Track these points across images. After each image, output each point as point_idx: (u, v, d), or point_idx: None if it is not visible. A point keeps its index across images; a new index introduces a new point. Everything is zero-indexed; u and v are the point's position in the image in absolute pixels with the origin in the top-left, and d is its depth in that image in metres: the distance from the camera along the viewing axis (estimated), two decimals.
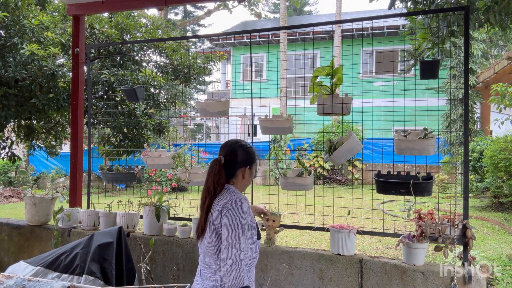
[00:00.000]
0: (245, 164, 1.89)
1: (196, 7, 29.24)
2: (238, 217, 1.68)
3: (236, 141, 1.95)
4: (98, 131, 6.22)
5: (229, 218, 1.68)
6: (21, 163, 12.23)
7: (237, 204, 1.72)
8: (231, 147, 1.90)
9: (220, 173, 1.82)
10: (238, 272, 1.58)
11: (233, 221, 1.67)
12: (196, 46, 17.22)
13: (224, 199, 1.76)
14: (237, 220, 1.68)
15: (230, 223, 1.67)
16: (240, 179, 1.90)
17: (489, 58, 14.87)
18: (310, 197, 4.36)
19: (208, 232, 1.77)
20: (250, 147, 1.95)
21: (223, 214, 1.71)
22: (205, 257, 1.81)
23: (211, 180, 1.82)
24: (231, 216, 1.68)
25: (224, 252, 1.64)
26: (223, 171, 1.83)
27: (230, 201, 1.73)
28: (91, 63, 5.15)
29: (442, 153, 11.01)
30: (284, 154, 12.22)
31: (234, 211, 1.70)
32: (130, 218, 3.52)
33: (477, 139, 8.69)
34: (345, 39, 14.72)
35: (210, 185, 1.81)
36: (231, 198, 1.75)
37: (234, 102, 15.43)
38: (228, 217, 1.69)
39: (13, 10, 4.47)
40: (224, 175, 1.83)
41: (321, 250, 2.94)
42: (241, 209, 1.71)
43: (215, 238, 1.74)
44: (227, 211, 1.70)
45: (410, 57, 11.75)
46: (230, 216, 1.69)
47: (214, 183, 1.81)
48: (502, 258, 4.30)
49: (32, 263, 2.70)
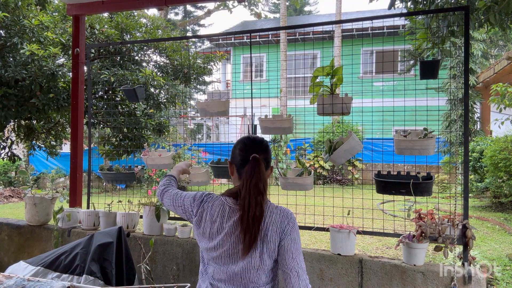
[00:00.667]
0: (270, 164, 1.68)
1: (196, 7, 29.24)
2: (299, 237, 1.52)
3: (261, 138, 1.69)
4: (98, 131, 6.22)
5: (294, 239, 1.49)
6: (21, 163, 12.23)
7: (295, 221, 1.53)
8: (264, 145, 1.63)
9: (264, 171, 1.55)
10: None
11: (297, 243, 1.49)
12: (196, 46, 17.22)
13: (274, 215, 1.52)
14: (299, 241, 1.51)
15: (296, 246, 1.48)
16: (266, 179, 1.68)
17: (489, 58, 14.87)
18: (310, 197, 4.36)
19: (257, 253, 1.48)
20: None
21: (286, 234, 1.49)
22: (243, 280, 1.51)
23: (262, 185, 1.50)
24: (295, 237, 1.50)
25: (296, 280, 1.44)
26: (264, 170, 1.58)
27: (287, 219, 1.51)
28: (91, 63, 5.15)
29: (442, 153, 11.01)
30: (284, 154, 12.22)
31: (296, 231, 1.51)
32: (130, 218, 3.52)
33: (477, 139, 8.69)
34: (345, 39, 14.72)
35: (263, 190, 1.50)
36: (285, 215, 1.53)
37: (234, 102, 15.42)
38: (292, 239, 1.49)
39: (13, 10, 4.48)
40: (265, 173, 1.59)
41: (321, 250, 2.94)
42: (297, 226, 1.54)
43: (268, 261, 1.49)
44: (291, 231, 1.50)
45: (410, 57, 11.75)
46: (294, 238, 1.49)
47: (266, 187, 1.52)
48: (502, 258, 4.30)
49: (32, 263, 2.70)
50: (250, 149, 1.57)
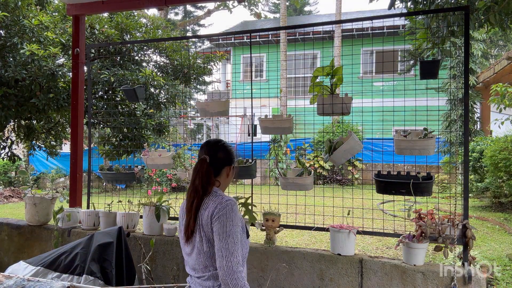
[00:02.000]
0: (229, 163, 1.88)
1: (196, 7, 29.24)
2: (231, 222, 1.66)
3: (218, 140, 1.93)
4: (98, 131, 6.22)
5: (222, 223, 1.65)
6: (21, 163, 12.22)
7: (227, 208, 1.68)
8: (215, 146, 1.88)
9: (209, 172, 1.79)
10: (239, 280, 1.59)
11: (227, 227, 1.65)
12: (196, 46, 17.23)
13: (211, 203, 1.72)
14: (230, 225, 1.65)
15: (224, 229, 1.65)
16: (224, 178, 1.88)
17: (489, 58, 14.87)
18: (310, 197, 4.36)
19: (197, 239, 1.73)
20: (231, 147, 1.95)
21: (214, 220, 1.68)
22: (194, 264, 1.78)
23: (199, 180, 1.77)
24: (224, 222, 1.66)
25: (221, 260, 1.62)
26: (212, 171, 1.80)
27: (220, 206, 1.69)
28: (91, 63, 5.15)
29: (442, 153, 11.01)
30: (284, 154, 12.23)
31: (226, 216, 1.67)
32: (130, 218, 3.52)
33: (477, 139, 8.69)
34: (345, 39, 14.71)
35: (198, 185, 1.76)
36: (220, 202, 1.71)
37: (234, 102, 15.43)
38: (220, 223, 1.66)
39: (13, 10, 4.48)
40: (212, 173, 1.81)
41: (321, 250, 2.94)
42: (232, 213, 1.68)
43: (205, 245, 1.71)
44: (219, 216, 1.67)
45: (410, 57, 11.73)
46: (223, 222, 1.66)
47: (204, 183, 1.77)
48: (502, 258, 4.30)
49: (32, 263, 2.70)
50: (201, 150, 1.87)
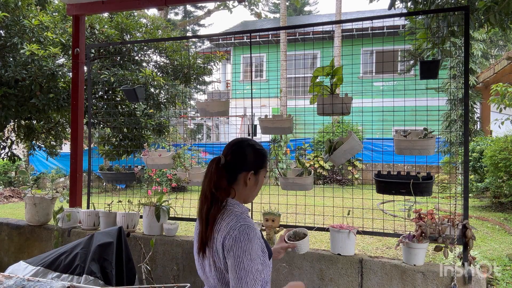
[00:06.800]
0: (249, 168, 1.52)
1: (196, 7, 29.24)
2: (248, 257, 1.34)
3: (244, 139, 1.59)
4: (98, 131, 6.22)
5: (237, 260, 1.33)
6: (21, 163, 12.22)
7: (241, 237, 1.35)
8: (236, 145, 1.55)
9: (219, 175, 1.47)
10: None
11: (243, 263, 1.33)
12: (196, 46, 17.21)
13: (224, 226, 1.40)
14: (247, 261, 1.33)
15: (240, 267, 1.33)
16: (242, 187, 1.53)
17: (489, 58, 14.87)
18: (310, 197, 4.36)
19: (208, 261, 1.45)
20: (261, 148, 1.58)
21: (227, 251, 1.36)
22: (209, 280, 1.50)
23: (207, 184, 1.47)
24: (240, 257, 1.33)
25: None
26: (223, 173, 1.48)
27: (233, 234, 1.36)
28: (91, 63, 5.15)
29: (442, 153, 11.01)
30: (284, 154, 12.22)
31: (242, 249, 1.33)
32: (130, 218, 3.52)
33: (477, 139, 8.69)
34: (345, 39, 14.72)
35: (206, 190, 1.47)
36: (233, 227, 1.38)
37: (234, 102, 15.44)
38: (235, 259, 1.33)
39: (13, 10, 4.48)
40: (224, 178, 1.48)
41: (321, 250, 2.94)
42: (249, 243, 1.35)
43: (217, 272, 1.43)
44: (232, 248, 1.34)
45: (410, 57, 11.72)
46: (239, 258, 1.33)
47: (211, 187, 1.45)
48: (502, 258, 4.30)
49: (32, 263, 2.70)
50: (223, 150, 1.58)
